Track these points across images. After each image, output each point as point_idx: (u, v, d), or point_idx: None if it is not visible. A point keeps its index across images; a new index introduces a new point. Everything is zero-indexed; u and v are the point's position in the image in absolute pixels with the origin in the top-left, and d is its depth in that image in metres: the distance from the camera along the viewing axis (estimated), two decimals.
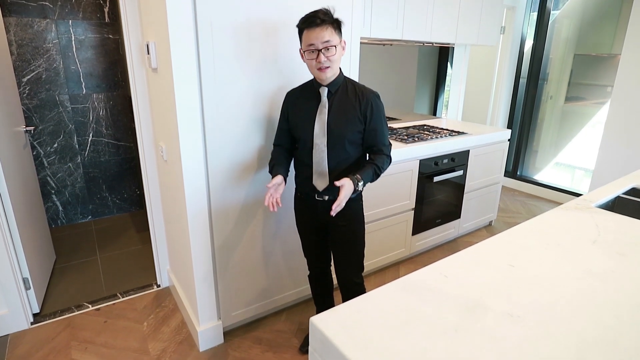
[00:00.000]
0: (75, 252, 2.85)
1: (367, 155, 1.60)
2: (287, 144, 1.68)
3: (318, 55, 1.42)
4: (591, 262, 1.08)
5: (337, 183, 1.40)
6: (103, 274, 2.59)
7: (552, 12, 4.03)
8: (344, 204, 1.42)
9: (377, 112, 1.51)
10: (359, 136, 1.54)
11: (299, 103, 1.59)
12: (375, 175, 1.51)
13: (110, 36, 3.14)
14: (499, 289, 0.95)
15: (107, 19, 3.09)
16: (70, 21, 2.96)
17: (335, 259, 1.72)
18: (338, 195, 1.41)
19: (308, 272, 1.89)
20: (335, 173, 1.54)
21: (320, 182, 1.56)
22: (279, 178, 1.52)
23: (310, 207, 1.66)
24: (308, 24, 1.41)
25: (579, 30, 3.92)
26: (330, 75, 1.48)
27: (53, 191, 3.19)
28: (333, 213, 1.40)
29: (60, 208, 3.26)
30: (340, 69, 1.52)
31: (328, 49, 1.41)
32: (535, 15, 4.13)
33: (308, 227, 1.74)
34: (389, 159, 1.56)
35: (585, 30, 3.88)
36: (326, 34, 1.39)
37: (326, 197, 1.59)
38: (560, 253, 1.13)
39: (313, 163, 1.55)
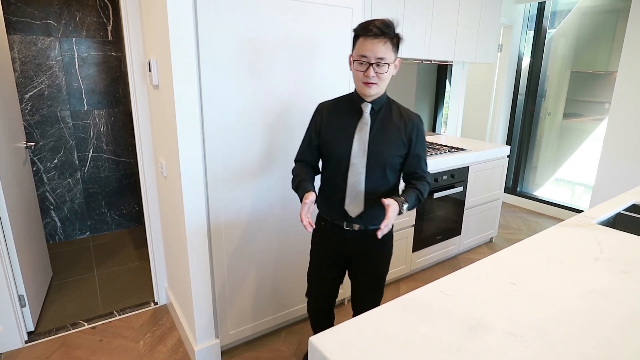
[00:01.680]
0: (73, 269, 2.83)
1: (407, 181, 1.47)
2: (313, 162, 1.53)
3: (368, 68, 1.28)
4: (594, 280, 1.06)
5: (385, 201, 1.27)
6: (100, 291, 2.56)
7: (548, 30, 4.10)
8: (391, 226, 1.31)
9: (422, 137, 1.41)
10: (399, 160, 1.41)
11: (336, 117, 1.44)
12: (418, 201, 1.39)
13: (113, 53, 3.18)
14: (501, 307, 0.93)
15: (110, 37, 3.14)
16: (73, 39, 3.01)
17: (355, 292, 1.61)
18: (370, 225, 1.38)
19: (307, 307, 1.74)
20: (371, 200, 1.39)
21: (353, 208, 1.40)
22: (313, 195, 1.34)
23: (335, 238, 1.50)
24: (366, 32, 1.27)
25: (575, 48, 3.97)
26: (374, 92, 1.34)
27: (52, 207, 3.18)
28: (380, 234, 1.26)
29: (59, 224, 3.24)
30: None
31: (380, 65, 1.28)
32: (531, 33, 4.20)
33: (327, 261, 1.56)
34: (429, 186, 1.44)
35: (581, 48, 3.93)
36: (382, 49, 1.26)
37: (357, 227, 1.44)
38: (563, 271, 1.11)
39: (347, 185, 1.39)
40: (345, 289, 2.38)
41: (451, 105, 3.67)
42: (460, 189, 2.83)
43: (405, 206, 1.32)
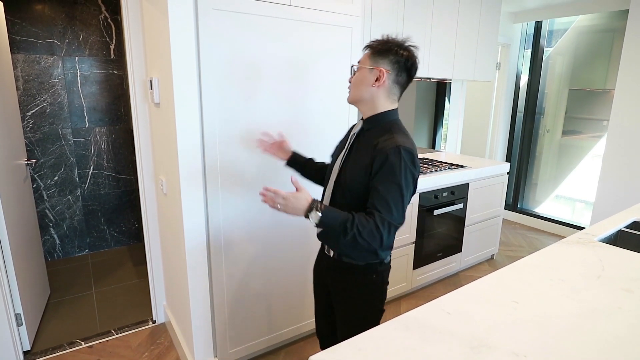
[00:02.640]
0: (71, 287, 2.80)
1: None
2: (324, 164, 1.52)
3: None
4: (596, 298, 1.05)
5: (295, 183, 1.20)
6: (97, 309, 2.53)
7: (545, 49, 4.16)
8: (276, 204, 1.18)
9: (388, 170, 1.15)
10: (362, 190, 1.22)
11: (347, 133, 1.40)
12: (344, 229, 1.12)
13: (115, 72, 3.22)
14: (503, 327, 0.92)
15: (112, 56, 3.19)
16: (76, 57, 3.05)
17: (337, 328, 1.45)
18: (344, 256, 1.27)
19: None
20: None
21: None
22: (287, 143, 1.52)
23: (319, 261, 1.47)
24: None
25: (572, 66, 4.02)
26: (350, 100, 1.29)
27: (51, 224, 3.17)
28: (262, 190, 1.20)
29: (58, 241, 3.22)
30: (393, 109, 1.27)
31: (354, 71, 1.28)
32: (529, 52, 4.26)
33: (317, 283, 1.52)
34: (376, 230, 1.11)
35: (578, 66, 3.98)
36: (363, 56, 1.27)
37: (332, 253, 1.34)
38: (565, 289, 1.10)
39: None
40: None
41: (450, 123, 3.70)
42: (460, 205, 2.82)
43: (315, 214, 1.13)
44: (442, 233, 2.82)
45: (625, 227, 1.67)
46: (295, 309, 2.12)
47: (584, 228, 2.26)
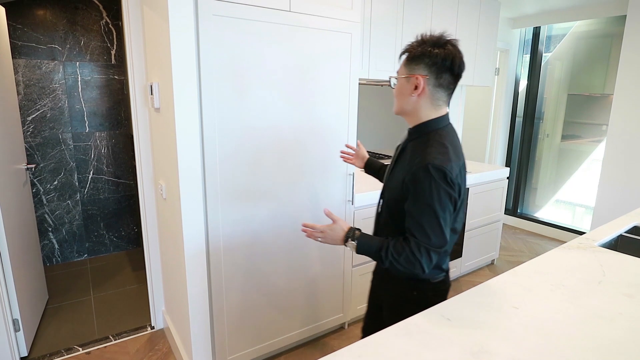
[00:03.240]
0: (69, 292, 2.78)
1: None
2: None
3: None
4: (598, 304, 1.05)
5: (329, 214, 1.20)
6: (96, 315, 2.51)
7: (544, 54, 4.18)
8: (314, 235, 1.20)
9: (418, 189, 1.06)
10: (399, 207, 1.14)
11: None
12: (379, 257, 1.11)
13: (116, 77, 3.23)
14: (503, 332, 0.91)
15: (113, 61, 3.20)
16: (77, 63, 3.06)
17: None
18: (386, 274, 1.25)
19: None
20: None
21: None
22: (363, 151, 1.57)
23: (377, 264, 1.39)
24: None
25: (571, 71, 4.04)
26: (396, 112, 1.21)
27: (50, 229, 3.16)
28: (303, 227, 1.22)
29: (57, 246, 3.21)
30: (438, 117, 1.15)
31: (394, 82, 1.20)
32: (528, 57, 4.28)
33: (371, 285, 1.46)
34: (413, 257, 1.06)
35: (577, 71, 4.00)
36: (399, 65, 1.20)
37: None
38: (566, 294, 1.10)
39: None
40: (345, 313, 2.34)
41: None
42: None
43: (351, 243, 1.14)
44: None
45: (625, 232, 1.67)
46: (295, 314, 2.11)
47: (584, 233, 2.25)
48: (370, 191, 2.27)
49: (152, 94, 1.87)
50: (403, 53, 1.18)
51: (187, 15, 1.53)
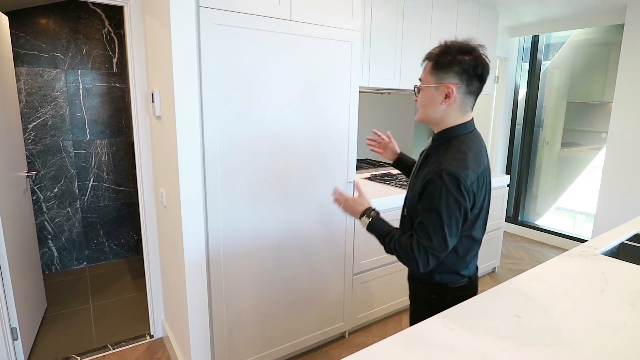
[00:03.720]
0: (68, 300, 2.77)
1: None
2: None
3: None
4: (601, 313, 1.04)
5: (361, 190, 1.33)
6: (94, 323, 2.50)
7: (542, 62, 4.20)
8: (340, 200, 1.32)
9: (430, 194, 1.07)
10: (416, 211, 1.15)
11: None
12: (384, 242, 1.18)
13: (117, 85, 3.24)
14: (507, 342, 0.90)
15: (115, 69, 3.21)
16: (79, 71, 3.08)
17: None
18: (410, 276, 1.30)
19: None
20: None
21: None
22: (394, 144, 1.57)
23: None
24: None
25: (570, 79, 4.06)
26: (417, 119, 1.22)
27: (50, 236, 3.15)
28: (332, 193, 1.35)
29: (56, 254, 3.20)
30: (462, 124, 1.15)
31: (418, 90, 1.19)
32: (527, 65, 4.30)
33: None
34: (411, 254, 1.09)
35: (575, 79, 4.02)
36: (422, 73, 1.17)
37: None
38: (569, 303, 1.09)
39: None
40: (346, 322, 2.32)
41: None
42: None
43: (365, 220, 1.23)
44: None
45: (627, 240, 1.66)
46: (295, 323, 2.10)
47: (585, 240, 2.24)
48: (371, 199, 2.27)
49: (153, 101, 1.88)
50: (427, 58, 1.16)
51: (189, 24, 1.54)
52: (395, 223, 1.26)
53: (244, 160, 1.76)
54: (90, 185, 3.26)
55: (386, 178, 2.84)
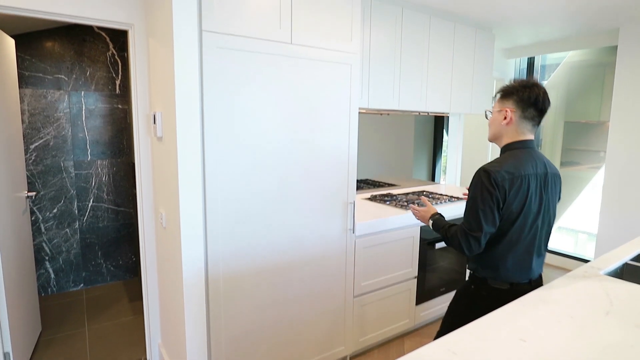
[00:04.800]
0: (63, 324, 2.72)
1: None
2: None
3: None
4: (607, 335, 1.02)
5: (426, 202, 1.71)
6: (89, 348, 2.44)
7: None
8: (415, 216, 1.68)
9: (472, 185, 1.41)
10: None
11: None
12: (442, 233, 1.51)
13: (119, 106, 3.28)
14: None
15: (117, 91, 3.25)
16: (82, 92, 3.12)
17: None
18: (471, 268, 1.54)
19: None
20: None
21: None
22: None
23: None
24: None
25: (566, 99, 4.11)
26: (489, 139, 1.55)
27: (47, 257, 3.12)
28: (412, 206, 1.73)
29: (53, 275, 3.16)
30: (517, 141, 1.44)
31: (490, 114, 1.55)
32: None
33: None
34: (456, 237, 1.40)
35: (572, 99, 4.07)
36: (495, 101, 1.53)
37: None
38: (574, 326, 1.07)
39: None
40: (347, 346, 2.27)
41: (449, 155, 3.73)
42: None
43: (431, 222, 1.60)
44: (445, 267, 2.77)
45: (630, 260, 1.64)
46: (295, 347, 2.06)
47: (588, 260, 2.22)
48: (372, 219, 2.26)
49: (155, 122, 1.90)
50: (498, 92, 1.50)
51: (192, 48, 1.57)
52: (396, 246, 1.27)
53: (244, 182, 1.76)
54: (89, 205, 3.25)
55: (386, 198, 2.84)
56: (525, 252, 1.42)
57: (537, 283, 1.48)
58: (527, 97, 1.39)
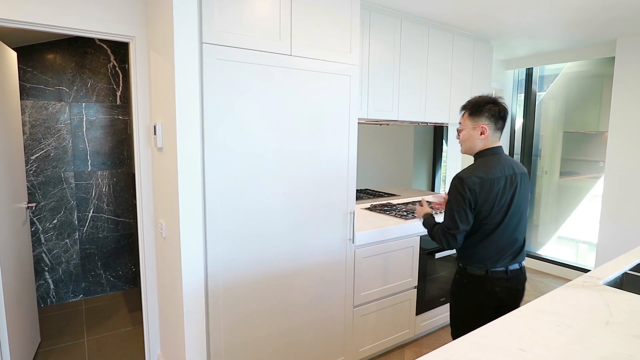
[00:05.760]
0: (62, 335, 2.70)
1: None
2: None
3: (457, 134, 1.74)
4: (606, 346, 1.02)
5: (422, 202, 1.90)
6: (89, 359, 2.42)
7: (537, 93, 4.29)
8: (416, 214, 2.00)
9: (449, 191, 1.62)
10: None
11: None
12: (428, 229, 1.73)
13: (120, 117, 3.30)
14: None
15: (118, 102, 3.28)
16: (83, 103, 3.14)
17: None
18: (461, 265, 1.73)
19: None
20: None
21: None
22: None
23: None
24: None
25: (565, 110, 4.13)
26: (464, 152, 1.74)
27: (47, 268, 3.12)
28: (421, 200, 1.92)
29: (52, 286, 3.15)
30: (486, 148, 1.66)
31: (459, 132, 1.71)
32: (522, 96, 4.39)
33: None
34: (442, 232, 1.62)
35: (571, 109, 4.09)
36: (460, 119, 1.70)
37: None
38: (573, 336, 1.07)
39: None
40: (346, 356, 2.26)
41: (449, 165, 3.74)
42: None
43: (421, 219, 1.82)
44: (445, 277, 2.77)
45: (630, 270, 1.64)
46: (295, 357, 2.04)
47: (588, 270, 2.22)
48: (371, 229, 2.26)
49: (155, 133, 1.91)
50: (464, 108, 1.68)
51: (192, 59, 1.59)
52: (396, 255, 1.27)
53: (243, 192, 1.77)
54: (89, 216, 3.25)
55: (386, 208, 2.84)
56: (497, 243, 1.61)
57: (515, 273, 1.65)
58: (497, 112, 1.61)
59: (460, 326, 1.72)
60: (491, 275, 1.62)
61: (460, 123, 1.71)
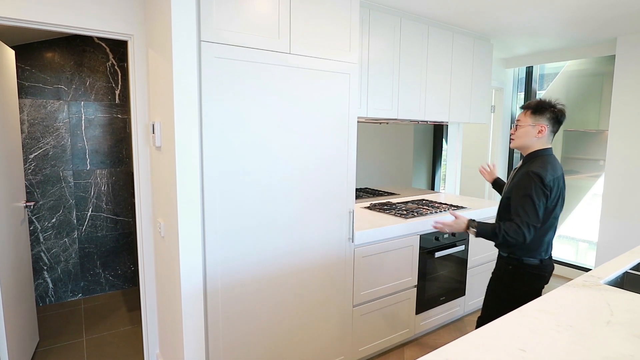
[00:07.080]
0: (61, 334, 2.69)
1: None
2: None
3: (513, 128, 1.83)
4: (607, 346, 1.01)
5: (455, 214, 1.81)
6: (87, 358, 2.42)
7: (537, 92, 4.28)
8: (445, 230, 1.80)
9: (518, 184, 1.70)
10: (506, 202, 1.78)
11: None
12: (494, 234, 1.68)
13: (119, 116, 3.29)
14: None
15: (117, 100, 3.27)
16: (82, 102, 3.13)
17: None
18: (501, 251, 1.84)
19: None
20: None
21: None
22: (495, 170, 2.25)
23: (497, 263, 1.96)
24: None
25: (565, 108, 4.12)
26: (515, 146, 1.83)
27: (45, 267, 3.11)
28: (433, 223, 1.85)
29: (51, 285, 3.15)
30: (544, 148, 1.76)
31: (517, 127, 1.80)
32: (522, 95, 4.38)
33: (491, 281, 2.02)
34: (519, 229, 1.63)
35: (571, 108, 4.08)
36: (520, 116, 1.80)
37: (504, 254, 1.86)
38: (574, 336, 1.06)
39: None
40: (346, 356, 2.25)
41: (449, 164, 3.73)
42: (462, 247, 2.79)
43: (472, 230, 1.75)
44: (445, 276, 2.76)
45: (631, 269, 1.64)
46: (294, 356, 2.03)
47: (589, 269, 2.21)
48: (371, 228, 2.26)
49: (153, 132, 1.90)
50: (527, 107, 1.79)
51: (191, 58, 1.58)
52: (395, 255, 1.26)
53: (242, 192, 1.76)
54: (88, 215, 3.24)
55: (385, 207, 2.83)
56: (550, 235, 1.78)
57: (551, 259, 1.83)
58: (557, 115, 1.73)
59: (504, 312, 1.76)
60: (544, 263, 1.77)
61: (518, 119, 1.80)
